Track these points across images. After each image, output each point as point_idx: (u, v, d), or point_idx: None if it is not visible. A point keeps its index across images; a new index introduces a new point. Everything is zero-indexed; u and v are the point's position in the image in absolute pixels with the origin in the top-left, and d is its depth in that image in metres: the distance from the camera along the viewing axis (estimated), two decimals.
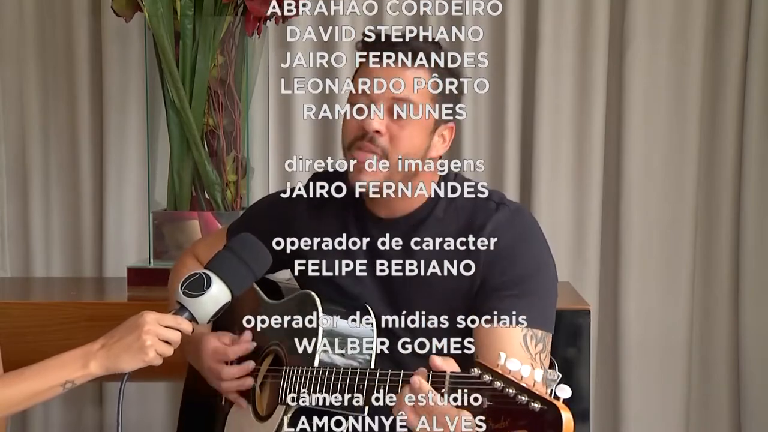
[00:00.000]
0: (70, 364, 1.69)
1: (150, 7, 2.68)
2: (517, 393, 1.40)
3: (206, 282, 1.74)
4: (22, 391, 1.69)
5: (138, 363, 1.69)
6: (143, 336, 1.68)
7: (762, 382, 3.09)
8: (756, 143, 3.06)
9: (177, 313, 1.73)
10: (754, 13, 3.02)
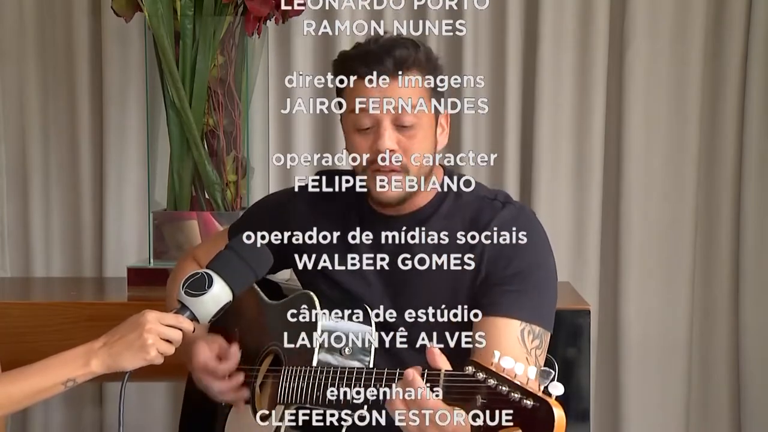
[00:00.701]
0: (72, 362, 1.70)
1: (150, 7, 2.68)
2: (510, 390, 1.41)
3: (208, 281, 1.74)
4: (23, 389, 1.69)
5: (139, 361, 1.69)
6: (145, 334, 1.68)
7: (762, 382, 3.09)
8: (756, 143, 3.06)
9: (178, 312, 1.73)
10: (754, 13, 3.02)
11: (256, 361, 1.95)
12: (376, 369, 1.67)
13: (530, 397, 1.39)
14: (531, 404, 1.38)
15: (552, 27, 3.03)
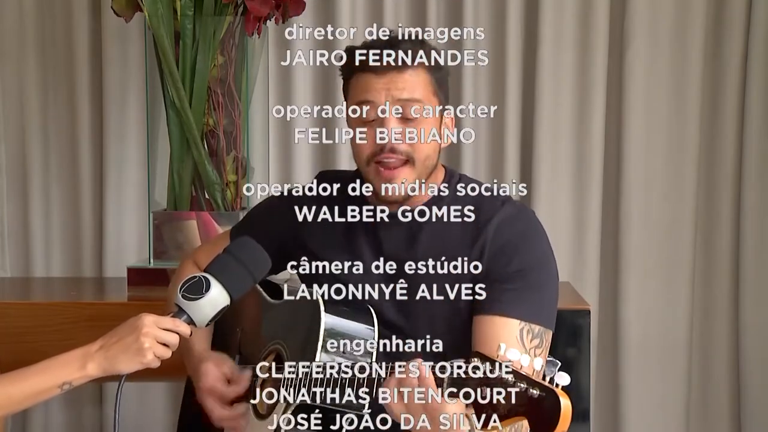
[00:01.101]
0: (68, 365, 1.69)
1: (150, 7, 2.68)
2: (516, 380, 1.41)
3: (205, 285, 1.73)
4: (20, 392, 1.69)
5: (135, 365, 1.69)
6: (141, 338, 1.68)
7: (762, 382, 3.09)
8: (756, 143, 3.06)
9: (175, 316, 1.73)
10: (754, 13, 3.02)
11: (258, 361, 1.95)
12: (378, 363, 1.66)
13: (536, 387, 1.39)
14: (537, 394, 1.38)
15: (552, 27, 3.03)
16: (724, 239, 3.12)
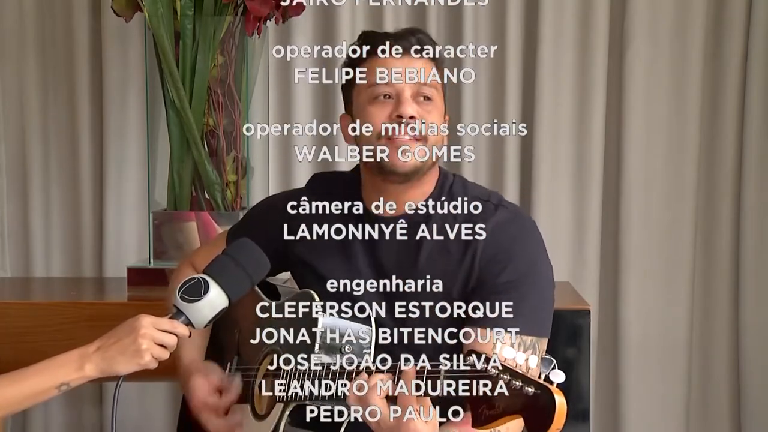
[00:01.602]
0: (66, 366, 1.69)
1: (150, 7, 2.68)
2: (511, 378, 1.41)
3: (204, 287, 1.73)
4: (17, 393, 1.69)
5: (133, 366, 1.68)
6: (139, 339, 1.67)
7: (762, 382, 3.09)
8: (756, 143, 3.06)
9: (173, 317, 1.72)
10: (754, 13, 3.02)
11: (256, 362, 1.95)
12: (375, 365, 1.66)
13: (531, 385, 1.39)
14: (532, 391, 1.38)
15: (552, 27, 3.03)
16: (724, 239, 3.12)
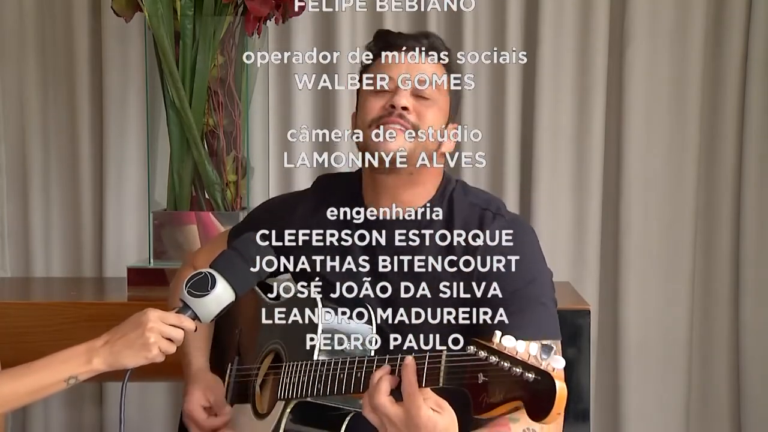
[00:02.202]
0: (74, 359, 1.70)
1: (150, 7, 2.68)
2: (511, 366, 1.41)
3: (211, 282, 1.74)
4: (26, 386, 1.70)
5: (141, 360, 1.70)
6: (146, 333, 1.69)
7: (762, 382, 3.09)
8: (756, 143, 3.06)
9: (180, 312, 1.74)
10: (754, 13, 3.02)
11: (257, 361, 1.95)
12: (377, 357, 1.66)
13: (531, 371, 1.39)
14: (533, 377, 1.39)
15: (552, 27, 3.03)
16: (724, 239, 3.12)
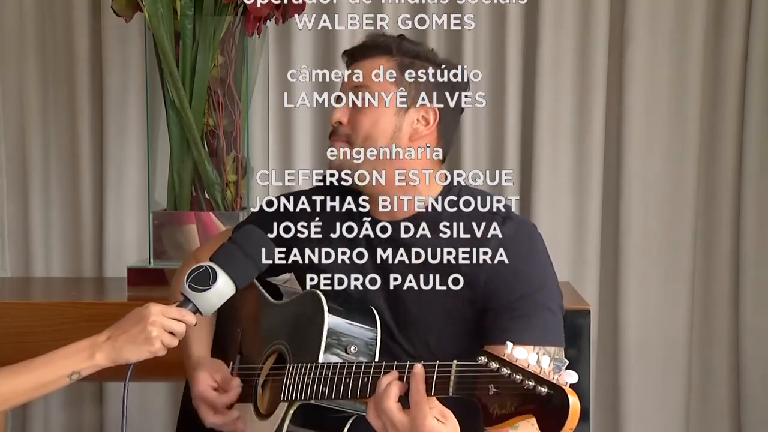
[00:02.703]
0: (77, 355, 1.71)
1: (150, 7, 2.68)
2: (524, 378, 1.40)
3: (212, 276, 1.75)
4: (28, 382, 1.70)
5: (143, 354, 1.71)
6: (149, 327, 1.70)
7: (762, 382, 3.09)
8: (756, 143, 3.05)
9: (181, 305, 1.75)
10: (754, 13, 3.02)
11: (259, 361, 1.95)
12: (385, 363, 1.66)
13: (544, 385, 1.38)
14: (545, 391, 1.38)
15: (552, 27, 3.03)
16: (724, 239, 3.11)
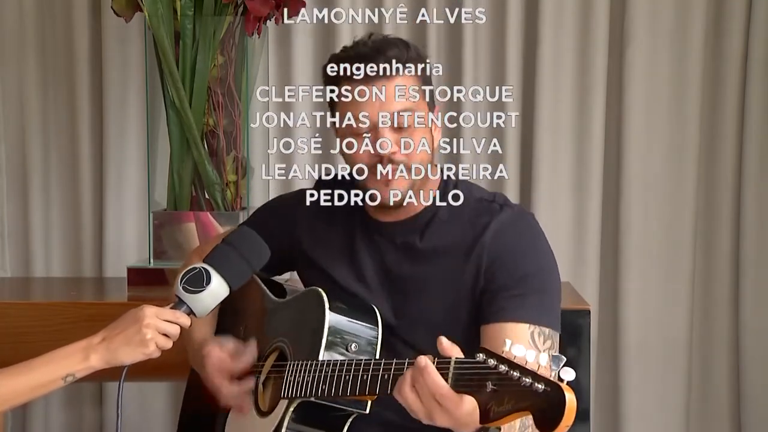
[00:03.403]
0: (71, 357, 1.71)
1: (150, 7, 2.68)
2: (521, 375, 1.40)
3: (206, 278, 1.75)
4: (23, 384, 1.70)
5: (138, 356, 1.71)
6: (143, 329, 1.70)
7: (762, 382, 3.09)
8: (756, 143, 3.05)
9: (175, 307, 1.75)
10: (754, 13, 3.02)
11: (261, 358, 1.95)
12: (384, 360, 1.66)
13: (541, 382, 1.38)
14: (542, 388, 1.38)
15: (552, 27, 3.03)
16: (724, 239, 3.12)
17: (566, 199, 3.09)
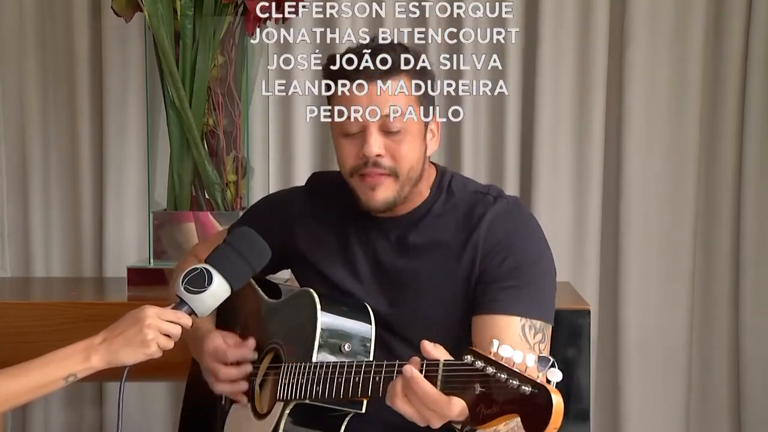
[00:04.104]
0: (72, 357, 1.71)
1: (150, 7, 2.68)
2: (508, 378, 1.40)
3: (207, 278, 1.75)
4: (25, 384, 1.70)
5: (139, 356, 1.71)
6: (145, 330, 1.70)
7: (762, 382, 3.09)
8: (756, 143, 3.05)
9: (176, 308, 1.75)
10: (754, 13, 3.02)
11: (257, 361, 1.95)
12: (375, 362, 1.66)
13: (528, 384, 1.38)
14: (529, 391, 1.38)
15: (552, 27, 3.03)
16: (724, 239, 3.11)
17: (566, 199, 3.09)
